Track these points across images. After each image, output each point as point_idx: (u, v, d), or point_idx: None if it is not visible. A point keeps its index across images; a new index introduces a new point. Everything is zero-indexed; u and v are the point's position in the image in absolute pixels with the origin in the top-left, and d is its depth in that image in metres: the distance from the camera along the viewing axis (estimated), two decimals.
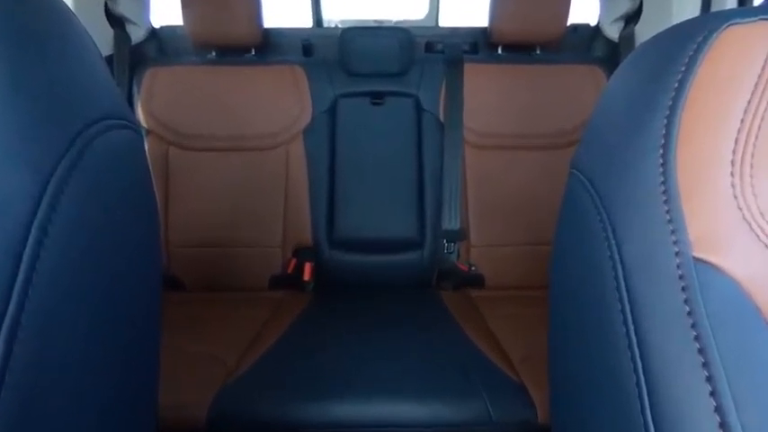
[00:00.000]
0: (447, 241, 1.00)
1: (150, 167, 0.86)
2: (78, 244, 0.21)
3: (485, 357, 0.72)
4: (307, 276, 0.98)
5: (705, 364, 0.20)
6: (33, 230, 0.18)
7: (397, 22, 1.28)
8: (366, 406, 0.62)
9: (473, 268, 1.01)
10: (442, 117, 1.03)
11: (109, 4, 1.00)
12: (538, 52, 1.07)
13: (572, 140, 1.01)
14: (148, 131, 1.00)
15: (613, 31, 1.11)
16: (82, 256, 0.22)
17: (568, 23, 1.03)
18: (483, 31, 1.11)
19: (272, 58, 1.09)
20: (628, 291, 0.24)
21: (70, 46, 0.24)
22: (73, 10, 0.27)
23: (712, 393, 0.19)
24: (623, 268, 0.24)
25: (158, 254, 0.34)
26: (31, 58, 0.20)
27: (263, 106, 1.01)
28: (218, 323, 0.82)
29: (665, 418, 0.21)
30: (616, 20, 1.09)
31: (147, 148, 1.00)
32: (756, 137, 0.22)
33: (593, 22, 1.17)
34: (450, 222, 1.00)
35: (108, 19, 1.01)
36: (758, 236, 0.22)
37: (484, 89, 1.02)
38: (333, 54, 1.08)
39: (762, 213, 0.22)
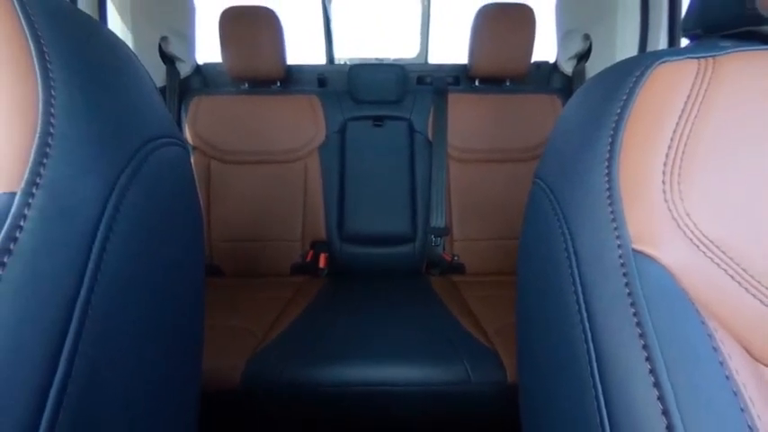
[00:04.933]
0: (434, 236, 1.02)
1: (195, 177, 0.89)
2: (138, 239, 0.21)
3: (465, 330, 0.73)
4: (322, 264, 1.00)
5: (641, 336, 0.20)
6: (101, 228, 0.18)
7: (394, 60, 1.30)
8: (371, 368, 0.63)
9: (456, 258, 1.03)
10: (430, 137, 1.04)
11: (162, 44, 1.03)
12: (508, 84, 1.09)
13: (535, 155, 1.02)
14: (194, 148, 1.02)
15: (568, 67, 1.12)
16: (141, 249, 0.22)
17: (532, 61, 1.04)
18: (463, 66, 1.12)
19: (293, 88, 1.11)
20: (580, 277, 0.24)
21: (131, 78, 0.24)
22: (132, 49, 0.28)
23: (648, 359, 0.20)
24: (576, 259, 0.24)
25: (202, 247, 0.33)
26: (99, 87, 0.20)
27: (285, 128, 1.03)
28: (250, 302, 0.84)
29: (609, 378, 0.21)
30: (570, 58, 1.11)
31: (192, 161, 1.02)
32: (683, 153, 0.22)
33: (552, 60, 1.19)
34: (437, 221, 1.01)
35: (161, 57, 1.04)
36: (684, 232, 0.22)
37: (464, 114, 1.03)
38: (342, 85, 1.10)
39: (687, 214, 0.22)
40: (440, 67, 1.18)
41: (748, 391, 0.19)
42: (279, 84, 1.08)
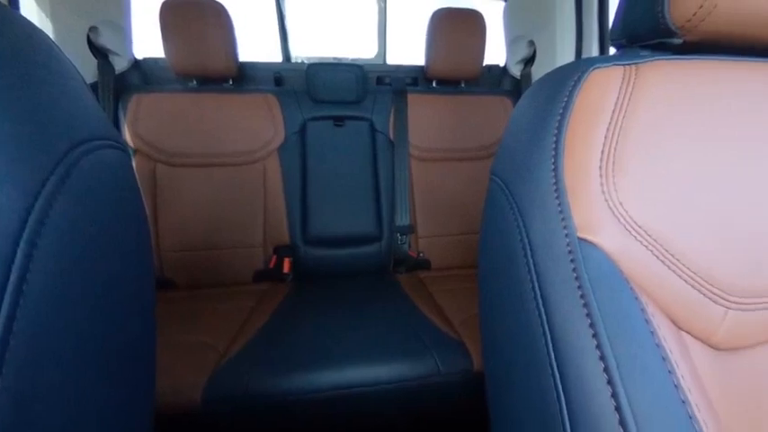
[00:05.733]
0: (400, 234, 1.02)
1: (139, 182, 0.79)
2: (70, 253, 0.19)
3: (433, 323, 0.73)
4: (286, 269, 0.96)
5: (588, 315, 0.22)
6: (22, 245, 0.16)
7: (352, 60, 1.28)
8: (341, 372, 0.61)
9: (421, 255, 1.03)
10: (391, 136, 1.04)
11: (91, 35, 0.91)
12: (463, 86, 1.11)
13: (490, 153, 1.06)
14: (136, 150, 0.92)
15: (516, 71, 1.17)
16: (74, 263, 0.20)
17: (484, 65, 1.08)
18: (421, 68, 1.14)
19: (247, 87, 1.05)
20: (534, 264, 0.25)
21: (52, 72, 0.21)
22: (54, 39, 0.25)
23: (594, 335, 0.22)
24: (530, 248, 0.26)
25: (150, 258, 0.31)
26: (13, 82, 0.18)
27: (241, 128, 0.96)
28: (209, 315, 0.77)
29: (563, 355, 0.23)
30: (518, 62, 1.16)
31: (135, 165, 0.92)
32: (615, 149, 0.25)
33: (502, 64, 1.24)
34: (402, 219, 1.01)
35: (91, 50, 0.92)
36: (618, 219, 0.24)
37: (424, 114, 1.04)
38: (300, 85, 1.06)
39: (621, 203, 0.24)
40: (398, 68, 1.19)
41: (674, 356, 0.21)
42: (231, 82, 1.01)
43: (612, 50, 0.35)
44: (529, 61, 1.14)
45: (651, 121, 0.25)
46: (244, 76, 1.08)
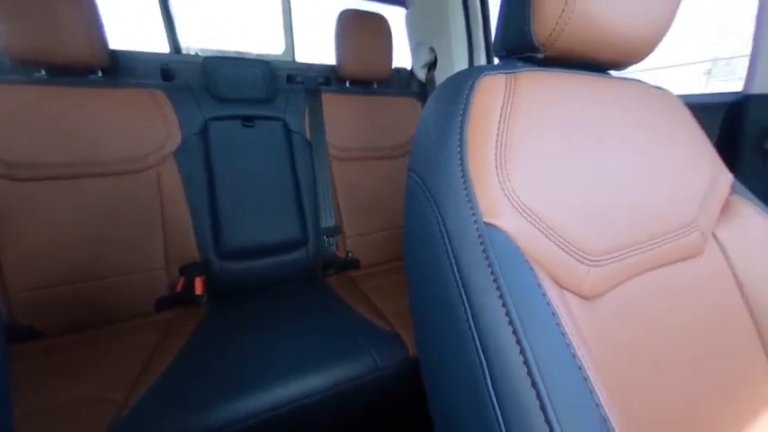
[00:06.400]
0: (326, 236, 0.99)
1: None
2: None
3: (367, 320, 0.72)
4: (199, 291, 0.83)
5: (498, 288, 0.25)
6: None
7: (257, 56, 1.18)
8: (277, 390, 0.56)
9: (350, 254, 1.02)
10: (309, 137, 1.00)
11: None
12: (375, 87, 1.14)
13: (405, 151, 1.11)
14: None
15: (422, 75, 1.25)
16: None
17: (393, 67, 1.11)
18: (332, 68, 1.12)
19: (124, 80, 0.86)
20: (452, 250, 0.28)
21: None
22: None
23: (503, 305, 0.25)
24: (448, 236, 0.28)
25: None
26: None
27: (120, 130, 0.79)
28: (98, 361, 0.63)
29: (481, 328, 0.25)
30: (422, 67, 1.24)
31: None
32: (505, 144, 0.29)
33: (409, 67, 1.30)
34: (327, 221, 0.99)
35: None
36: (513, 204, 0.28)
37: (340, 114, 1.03)
38: (195, 80, 0.93)
39: (513, 190, 0.28)
40: (310, 67, 1.15)
41: (559, 310, 0.26)
42: (101, 73, 0.83)
43: (497, 60, 0.40)
44: (432, 66, 1.22)
45: (528, 122, 0.30)
46: (118, 68, 0.89)
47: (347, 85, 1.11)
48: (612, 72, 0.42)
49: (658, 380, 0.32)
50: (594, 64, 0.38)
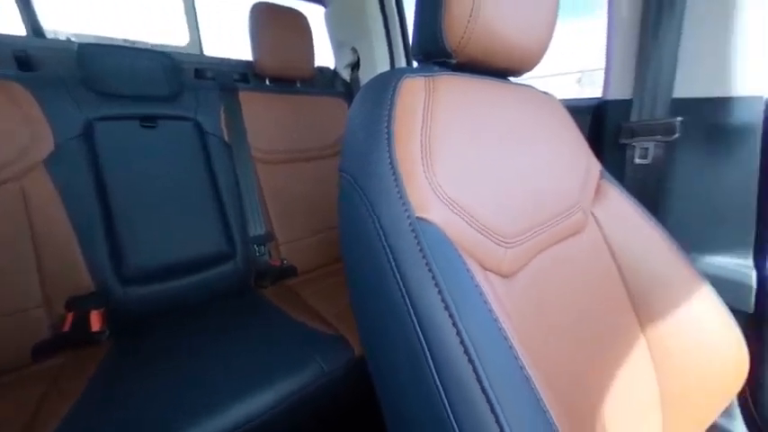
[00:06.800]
0: (257, 245, 0.91)
1: None
2: None
3: (309, 327, 0.70)
4: (96, 327, 0.68)
5: (433, 277, 0.27)
6: None
7: (154, 46, 1.02)
8: (217, 419, 0.50)
9: (285, 262, 0.96)
10: (227, 138, 0.90)
11: None
12: (298, 86, 1.09)
13: (335, 151, 1.09)
14: None
15: (346, 75, 1.25)
16: None
17: (316, 66, 1.08)
18: (249, 63, 1.04)
19: None
20: (389, 245, 0.28)
21: None
22: None
23: (439, 292, 0.26)
24: (383, 232, 0.29)
25: None
26: None
27: None
28: None
29: (420, 316, 0.26)
30: (346, 67, 1.24)
31: None
32: (429, 142, 0.31)
33: (332, 67, 1.29)
34: (256, 229, 0.91)
35: None
36: (440, 197, 0.30)
37: (261, 114, 0.96)
38: (66, 71, 0.76)
39: (440, 185, 0.30)
40: (223, 62, 1.04)
41: (485, 290, 0.28)
42: None
43: (416, 63, 0.43)
44: (355, 66, 1.23)
45: (446, 121, 0.33)
46: None
47: (267, 83, 1.04)
48: (511, 78, 0.48)
49: (561, 337, 0.38)
50: (497, 70, 0.43)
